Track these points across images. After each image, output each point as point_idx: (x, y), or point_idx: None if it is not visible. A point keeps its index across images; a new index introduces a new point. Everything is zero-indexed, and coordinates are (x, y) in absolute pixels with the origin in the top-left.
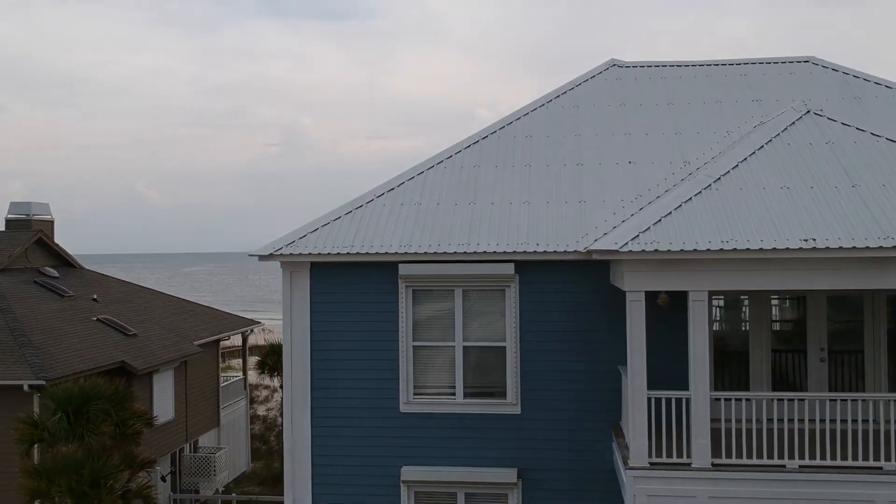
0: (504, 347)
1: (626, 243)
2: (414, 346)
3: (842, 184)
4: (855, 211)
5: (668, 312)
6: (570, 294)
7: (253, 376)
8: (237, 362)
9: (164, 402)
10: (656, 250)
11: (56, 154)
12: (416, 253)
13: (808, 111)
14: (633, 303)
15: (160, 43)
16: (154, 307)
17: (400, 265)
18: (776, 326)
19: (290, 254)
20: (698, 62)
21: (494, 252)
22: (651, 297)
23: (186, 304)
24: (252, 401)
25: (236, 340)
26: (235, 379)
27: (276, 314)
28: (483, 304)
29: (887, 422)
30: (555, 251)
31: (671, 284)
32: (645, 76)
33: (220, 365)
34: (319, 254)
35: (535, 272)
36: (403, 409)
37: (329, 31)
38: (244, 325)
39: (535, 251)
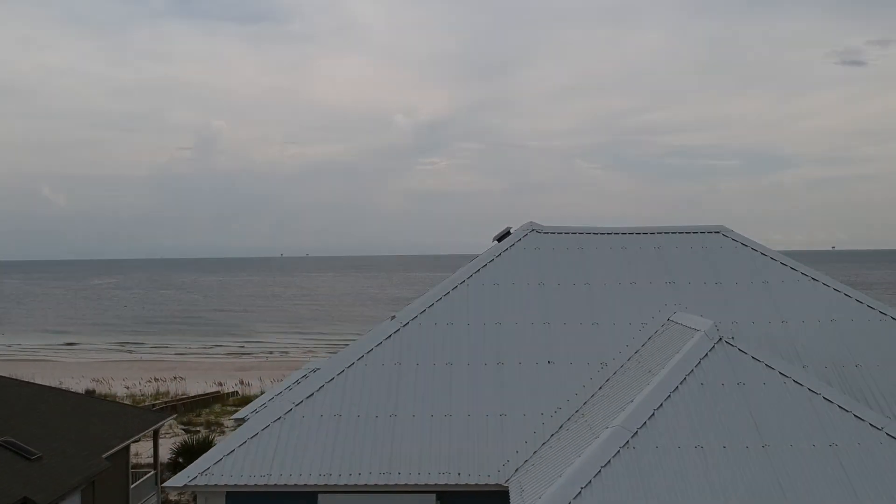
0: None
1: None
2: None
3: (752, 442)
4: (765, 481)
5: None
6: None
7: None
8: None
9: None
10: None
11: None
12: (335, 485)
13: (721, 339)
14: None
15: (66, 42)
16: (58, 413)
17: (319, 495)
18: None
19: (206, 484)
20: (613, 230)
21: (416, 484)
22: None
23: (93, 403)
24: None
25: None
26: (147, 476)
27: (179, 341)
28: None
29: None
30: (476, 483)
31: None
32: (562, 246)
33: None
34: (235, 484)
35: (457, 500)
36: None
37: (244, 34)
38: (155, 420)
39: (456, 483)
